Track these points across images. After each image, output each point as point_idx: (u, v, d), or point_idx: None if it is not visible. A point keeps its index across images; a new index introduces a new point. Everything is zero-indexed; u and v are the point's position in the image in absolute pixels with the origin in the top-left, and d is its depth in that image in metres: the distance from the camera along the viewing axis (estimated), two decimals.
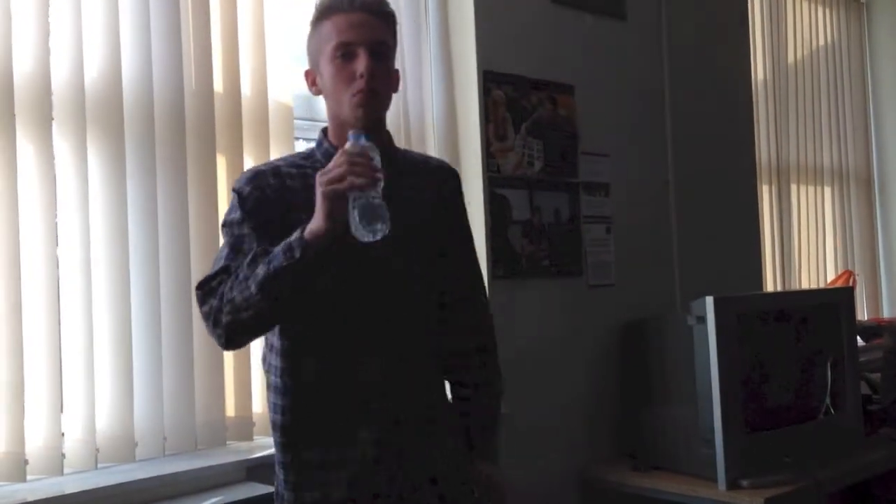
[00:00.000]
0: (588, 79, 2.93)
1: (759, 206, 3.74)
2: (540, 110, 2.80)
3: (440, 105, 2.66)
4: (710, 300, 2.44)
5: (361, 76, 1.48)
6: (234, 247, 1.48)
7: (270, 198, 1.50)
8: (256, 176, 1.53)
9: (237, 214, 1.50)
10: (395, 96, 2.45)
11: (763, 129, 3.89)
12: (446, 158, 2.63)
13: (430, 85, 2.62)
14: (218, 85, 2.17)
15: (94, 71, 1.97)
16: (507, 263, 2.65)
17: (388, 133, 1.63)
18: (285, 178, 1.53)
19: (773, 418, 2.55)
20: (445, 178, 1.72)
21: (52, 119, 1.90)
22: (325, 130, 1.61)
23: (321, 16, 1.54)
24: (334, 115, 1.55)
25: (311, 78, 1.57)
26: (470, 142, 2.64)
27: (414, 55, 2.58)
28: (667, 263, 3.17)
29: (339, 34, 1.50)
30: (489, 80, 2.65)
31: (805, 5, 4.28)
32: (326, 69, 1.51)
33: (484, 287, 1.78)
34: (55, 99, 1.90)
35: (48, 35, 1.90)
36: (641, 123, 3.14)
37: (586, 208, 2.91)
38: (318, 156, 1.57)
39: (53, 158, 1.89)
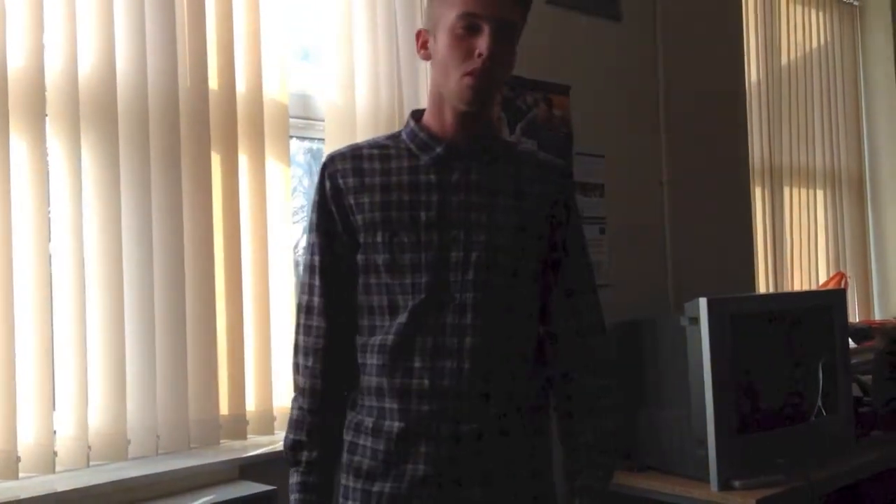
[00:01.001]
0: (583, 79, 2.93)
1: (752, 207, 3.75)
2: (535, 110, 2.79)
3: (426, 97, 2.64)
4: (703, 301, 2.44)
5: (480, 55, 1.37)
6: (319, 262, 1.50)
7: (342, 186, 1.47)
8: (333, 160, 1.50)
9: (315, 216, 1.51)
10: (391, 88, 2.48)
11: (756, 131, 3.89)
12: None
13: (425, 82, 2.61)
14: (213, 81, 2.16)
15: (87, 66, 1.96)
16: None
17: (496, 117, 1.59)
18: (363, 161, 1.48)
19: (766, 420, 2.56)
20: (557, 177, 1.56)
21: (46, 115, 1.88)
22: (414, 113, 1.53)
23: None
24: (437, 86, 1.46)
25: (423, 40, 1.47)
26: None
27: (408, 51, 2.56)
28: (660, 264, 3.18)
29: (466, 2, 1.38)
30: None
31: (798, 8, 4.29)
32: (443, 37, 1.40)
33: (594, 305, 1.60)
34: (48, 94, 1.89)
35: (42, 29, 1.89)
36: (636, 124, 3.14)
37: (581, 208, 2.90)
38: (403, 136, 1.50)
39: (47, 154, 1.88)
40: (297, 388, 1.51)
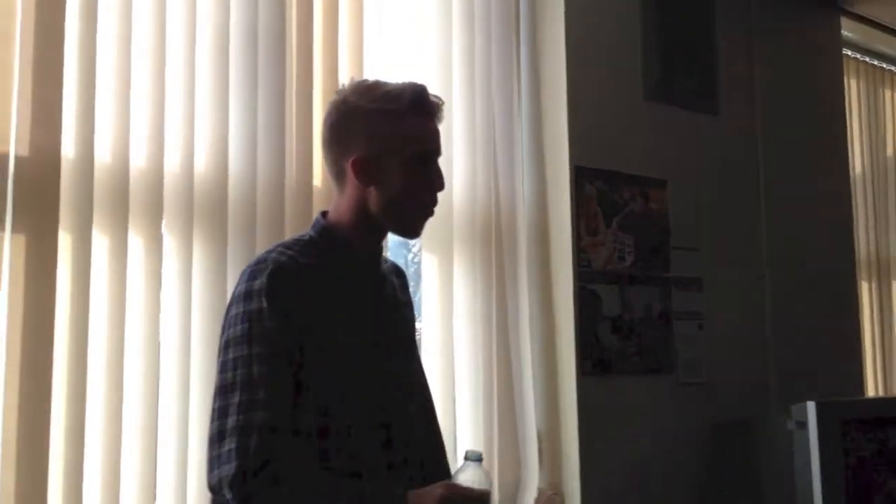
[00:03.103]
0: (680, 173, 2.91)
1: (859, 303, 3.60)
2: (632, 205, 2.78)
3: (531, 198, 2.67)
4: (811, 405, 2.35)
5: (439, 189, 1.50)
6: (279, 362, 1.33)
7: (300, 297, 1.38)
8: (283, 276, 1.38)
9: (273, 306, 1.34)
10: (486, 188, 2.52)
11: (862, 224, 3.77)
12: (537, 252, 2.65)
13: (521, 178, 2.64)
14: (317, 179, 2.23)
15: (202, 165, 2.06)
16: (597, 360, 2.61)
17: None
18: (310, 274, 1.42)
19: None
20: (401, 275, 1.66)
21: (163, 213, 1.98)
22: (325, 214, 1.51)
23: (410, 110, 1.45)
24: (379, 211, 1.46)
25: (363, 168, 1.44)
26: (561, 236, 2.64)
27: (506, 149, 2.61)
28: (761, 362, 3.07)
29: (425, 139, 1.47)
30: (581, 176, 2.66)
31: None
32: (400, 169, 1.44)
33: None
34: (166, 193, 1.98)
35: (163, 130, 1.99)
36: (735, 217, 3.08)
37: (678, 304, 2.85)
38: (324, 245, 1.46)
39: (162, 251, 1.96)
40: None
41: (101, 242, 1.89)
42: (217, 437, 1.29)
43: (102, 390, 1.84)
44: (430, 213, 1.51)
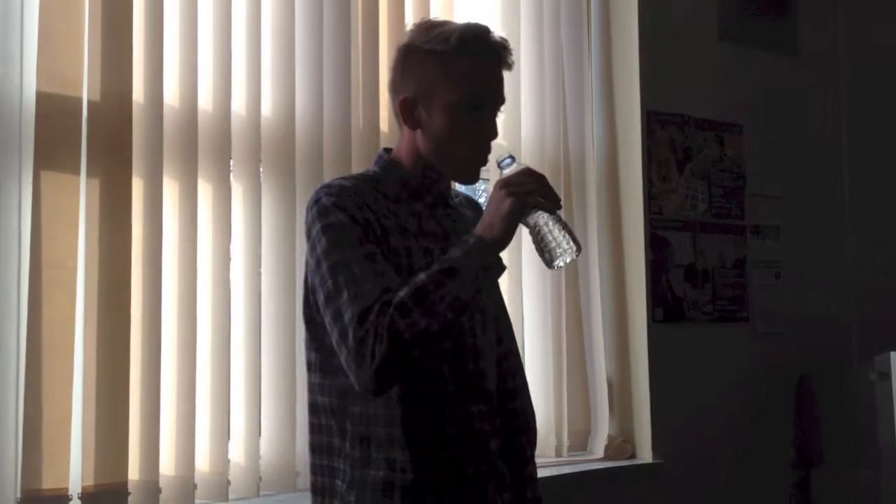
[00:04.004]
0: (758, 117, 2.81)
1: None
2: (706, 150, 2.70)
3: (601, 143, 2.62)
4: (895, 355, 2.26)
5: (488, 138, 1.42)
6: (367, 247, 1.33)
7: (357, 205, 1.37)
8: (341, 190, 1.40)
9: (342, 217, 1.34)
10: (555, 132, 2.47)
11: None
12: (606, 198, 2.59)
13: (590, 122, 2.59)
14: (384, 124, 2.22)
15: (268, 109, 2.06)
16: (669, 308, 2.56)
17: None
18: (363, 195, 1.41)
19: None
20: (475, 206, 1.59)
21: (231, 158, 1.99)
22: (388, 151, 1.49)
23: (458, 50, 1.39)
24: (429, 155, 1.43)
25: (409, 108, 1.42)
26: (631, 182, 2.58)
27: (576, 91, 2.55)
28: (842, 312, 2.96)
29: (475, 83, 1.40)
30: (653, 121, 2.59)
31: None
32: (445, 113, 1.40)
33: None
34: (233, 138, 2.00)
35: (230, 76, 2.00)
36: (816, 164, 2.97)
37: (754, 252, 2.77)
38: (389, 180, 1.45)
39: (230, 195, 1.98)
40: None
41: (171, 186, 1.91)
42: (341, 339, 1.28)
43: (175, 330, 1.88)
44: (482, 162, 1.44)
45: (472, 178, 1.48)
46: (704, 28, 2.74)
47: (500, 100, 1.45)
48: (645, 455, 2.49)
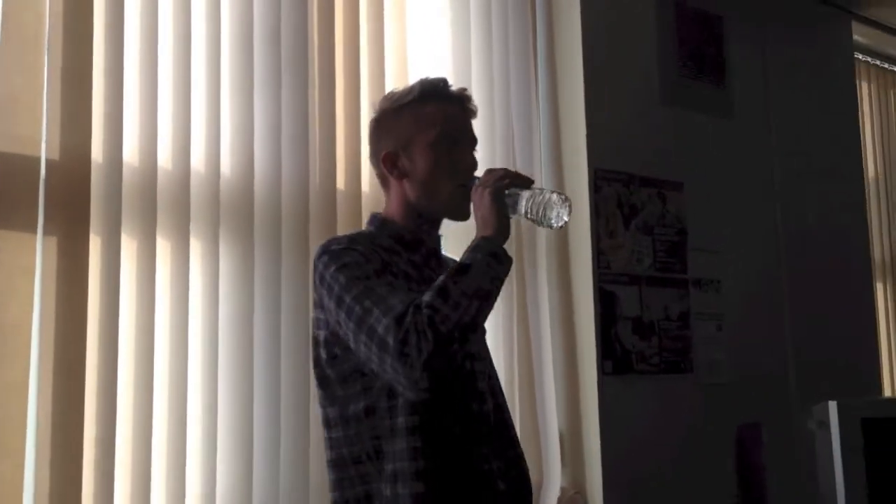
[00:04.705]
0: (697, 175, 2.93)
1: (875, 304, 3.60)
2: (649, 207, 2.80)
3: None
4: (833, 405, 2.36)
5: (470, 169, 1.53)
6: (385, 278, 1.40)
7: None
8: (349, 239, 1.51)
9: (357, 251, 1.43)
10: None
11: (875, 226, 3.78)
12: (555, 254, 2.66)
13: (539, 181, 2.66)
14: (340, 182, 2.25)
15: (227, 167, 2.08)
16: (618, 360, 2.62)
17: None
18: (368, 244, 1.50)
19: None
20: None
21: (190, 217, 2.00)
22: (377, 216, 1.58)
23: (422, 98, 1.53)
24: (418, 200, 1.53)
25: (392, 161, 1.53)
26: (580, 238, 2.65)
27: (525, 151, 2.63)
28: (780, 363, 3.07)
29: (445, 122, 1.51)
30: (599, 178, 2.68)
31: None
32: (424, 154, 1.51)
33: None
34: (192, 196, 2.00)
35: (189, 134, 2.02)
36: (752, 219, 3.10)
37: (697, 305, 2.86)
38: (385, 236, 1.53)
39: (189, 254, 1.98)
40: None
41: (129, 245, 1.91)
42: (381, 350, 1.32)
43: (132, 390, 1.86)
44: (468, 194, 1.50)
45: (462, 212, 1.55)
46: (647, 92, 2.86)
47: (473, 138, 1.58)
48: None
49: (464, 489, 1.42)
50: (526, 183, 1.47)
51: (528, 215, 1.44)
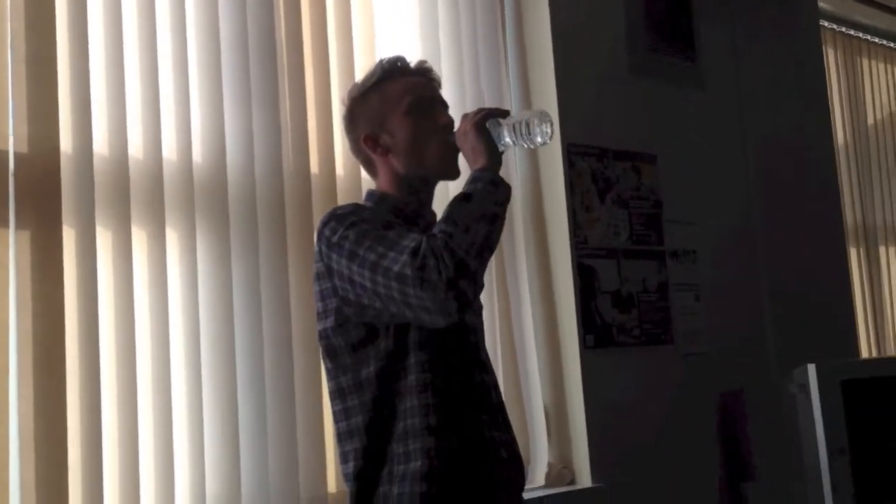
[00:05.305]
0: (670, 147, 2.94)
1: (849, 268, 3.64)
2: (624, 180, 2.81)
3: (525, 178, 2.69)
4: (812, 368, 2.37)
5: (449, 127, 1.57)
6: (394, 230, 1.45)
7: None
8: (355, 205, 1.57)
9: (364, 213, 1.49)
10: None
11: (847, 192, 3.82)
12: (532, 231, 2.66)
13: (514, 159, 2.66)
14: (314, 166, 2.23)
15: (199, 155, 2.06)
16: (599, 334, 2.63)
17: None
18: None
19: (884, 490, 2.44)
20: None
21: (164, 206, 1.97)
22: (374, 192, 1.61)
23: (385, 78, 1.59)
24: (408, 169, 1.57)
25: (373, 140, 1.57)
26: (556, 214, 2.66)
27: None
28: (758, 331, 3.10)
29: (414, 91, 1.57)
30: (573, 153, 2.68)
31: (881, 65, 4.25)
32: (402, 124, 1.55)
33: None
34: (165, 185, 1.98)
35: (159, 123, 1.99)
36: (726, 189, 3.12)
37: (674, 276, 2.88)
38: (385, 210, 1.56)
39: (165, 243, 1.96)
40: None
41: (104, 236, 1.89)
42: (400, 283, 1.36)
43: (115, 382, 1.84)
44: (455, 152, 1.56)
45: (453, 170, 1.59)
46: (617, 65, 2.87)
47: (443, 102, 1.63)
48: (584, 480, 2.53)
49: (471, 449, 1.47)
50: (503, 114, 1.53)
51: (515, 141, 1.50)
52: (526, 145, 1.51)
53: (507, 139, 1.50)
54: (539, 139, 1.48)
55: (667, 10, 3.04)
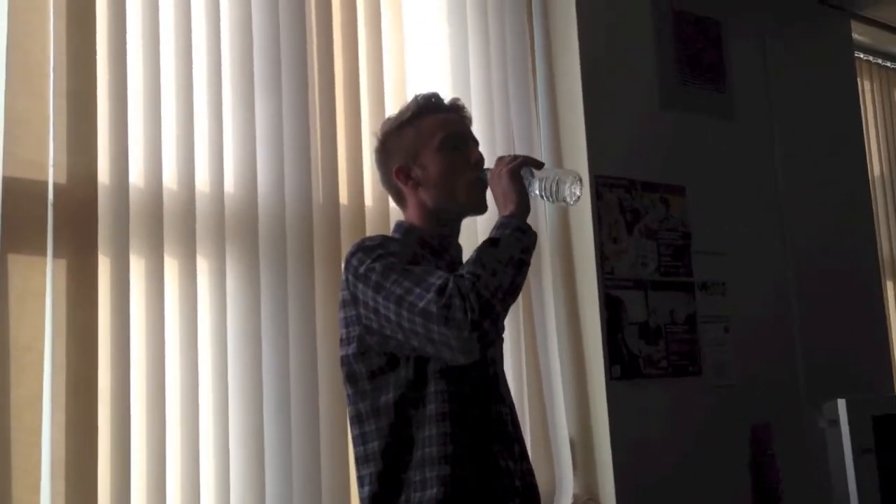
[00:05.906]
0: (699, 179, 2.94)
1: (885, 301, 3.59)
2: (652, 212, 2.81)
3: (553, 209, 2.71)
4: (842, 402, 2.36)
5: (479, 163, 1.62)
6: (420, 265, 1.50)
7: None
8: (382, 237, 1.60)
9: (392, 246, 1.53)
10: None
11: (883, 224, 3.78)
12: (560, 262, 2.68)
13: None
14: (343, 197, 2.28)
15: (230, 185, 2.11)
16: (626, 365, 2.63)
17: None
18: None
19: None
20: None
21: (196, 236, 2.03)
22: (402, 223, 1.66)
23: (420, 113, 1.64)
24: (437, 203, 1.61)
25: (405, 173, 1.63)
26: (584, 245, 2.67)
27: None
28: (789, 364, 3.07)
29: (446, 127, 1.62)
30: (601, 184, 2.70)
31: None
32: (434, 159, 1.60)
33: None
34: (198, 215, 2.03)
35: (193, 154, 2.05)
36: (756, 220, 3.10)
37: (703, 308, 2.87)
38: (412, 242, 1.60)
39: (196, 272, 2.01)
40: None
41: (137, 265, 1.94)
42: (425, 320, 1.39)
43: (144, 407, 1.89)
44: (484, 186, 1.61)
45: (481, 205, 1.64)
46: (646, 97, 2.88)
47: (475, 139, 1.68)
48: None
49: (484, 478, 1.49)
50: (538, 165, 1.57)
51: (543, 194, 1.53)
52: (552, 201, 1.55)
53: (537, 192, 1.54)
54: (568, 198, 1.52)
55: (697, 43, 3.06)
